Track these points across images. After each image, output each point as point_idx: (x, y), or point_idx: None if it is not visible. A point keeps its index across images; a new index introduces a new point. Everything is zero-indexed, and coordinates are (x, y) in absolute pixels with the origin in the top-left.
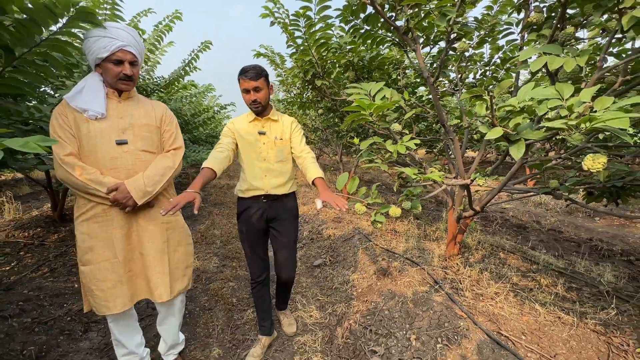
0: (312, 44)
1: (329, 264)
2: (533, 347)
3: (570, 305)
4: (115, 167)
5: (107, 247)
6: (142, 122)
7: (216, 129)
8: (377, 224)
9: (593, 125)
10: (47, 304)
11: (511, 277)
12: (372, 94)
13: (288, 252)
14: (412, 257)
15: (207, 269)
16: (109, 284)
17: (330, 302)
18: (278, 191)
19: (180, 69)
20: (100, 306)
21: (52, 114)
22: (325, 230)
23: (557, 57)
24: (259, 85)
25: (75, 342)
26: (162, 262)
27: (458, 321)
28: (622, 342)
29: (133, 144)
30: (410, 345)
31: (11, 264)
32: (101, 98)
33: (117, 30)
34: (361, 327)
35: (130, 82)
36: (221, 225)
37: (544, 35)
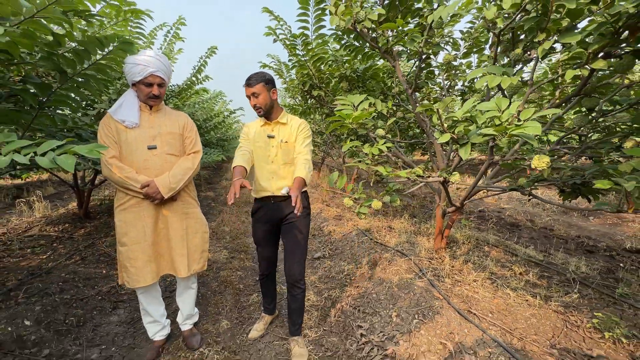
0: (309, 59)
1: (327, 257)
2: (496, 322)
3: (539, 290)
4: (147, 167)
5: (139, 232)
6: (168, 131)
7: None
8: (361, 215)
9: (511, 132)
10: (81, 285)
11: (491, 267)
12: (356, 105)
13: (297, 253)
14: (402, 249)
15: (217, 260)
16: (140, 262)
17: (326, 288)
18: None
19: (191, 76)
20: (132, 280)
21: (99, 124)
22: (326, 227)
23: (496, 76)
24: (256, 91)
25: (106, 316)
26: (182, 246)
27: (434, 301)
28: (577, 320)
29: (161, 149)
30: (391, 320)
31: (47, 253)
32: (136, 111)
33: (150, 58)
34: (351, 308)
35: (157, 100)
36: (230, 222)
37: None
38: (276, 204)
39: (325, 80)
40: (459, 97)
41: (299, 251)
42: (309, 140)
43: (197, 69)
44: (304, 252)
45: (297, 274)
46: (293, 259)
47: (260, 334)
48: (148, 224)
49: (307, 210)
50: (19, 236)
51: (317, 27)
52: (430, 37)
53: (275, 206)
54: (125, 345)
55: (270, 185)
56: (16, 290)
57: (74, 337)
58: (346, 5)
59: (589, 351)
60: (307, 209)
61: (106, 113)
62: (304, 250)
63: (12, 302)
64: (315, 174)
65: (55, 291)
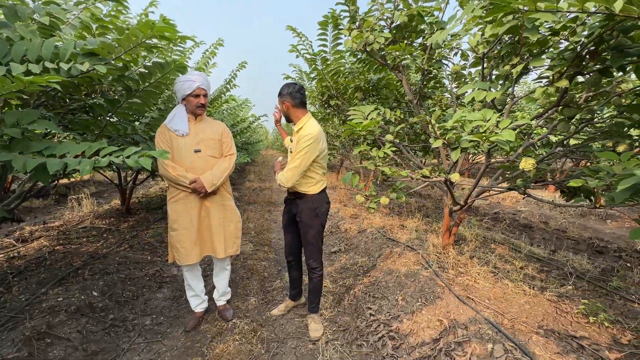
0: (327, 73)
1: (343, 251)
2: (491, 307)
3: (536, 282)
4: (193, 167)
5: (187, 220)
6: (210, 137)
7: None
8: (371, 210)
9: (490, 138)
10: (132, 268)
11: (494, 262)
12: (366, 114)
13: (310, 243)
14: (412, 244)
15: (244, 252)
16: (187, 244)
17: (341, 277)
18: (295, 189)
19: (222, 87)
20: (182, 258)
21: (157, 132)
22: (342, 225)
23: (482, 91)
24: (281, 101)
25: (154, 293)
26: (220, 232)
27: (437, 288)
28: (568, 307)
29: (204, 152)
30: (397, 303)
31: (100, 242)
32: (185, 122)
33: (196, 76)
34: (363, 294)
35: (203, 108)
36: (254, 219)
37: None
38: (291, 200)
39: (341, 91)
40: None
41: (312, 245)
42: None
43: (227, 81)
44: (314, 245)
45: (312, 262)
46: (308, 250)
47: (280, 313)
48: (194, 213)
49: (318, 210)
50: (74, 227)
51: (335, 45)
52: (432, 56)
53: (291, 202)
54: (172, 315)
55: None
56: (82, 269)
57: (131, 307)
58: (359, 31)
59: (573, 332)
60: (318, 208)
61: (154, 120)
62: (314, 245)
63: (80, 278)
64: (334, 175)
65: (113, 271)
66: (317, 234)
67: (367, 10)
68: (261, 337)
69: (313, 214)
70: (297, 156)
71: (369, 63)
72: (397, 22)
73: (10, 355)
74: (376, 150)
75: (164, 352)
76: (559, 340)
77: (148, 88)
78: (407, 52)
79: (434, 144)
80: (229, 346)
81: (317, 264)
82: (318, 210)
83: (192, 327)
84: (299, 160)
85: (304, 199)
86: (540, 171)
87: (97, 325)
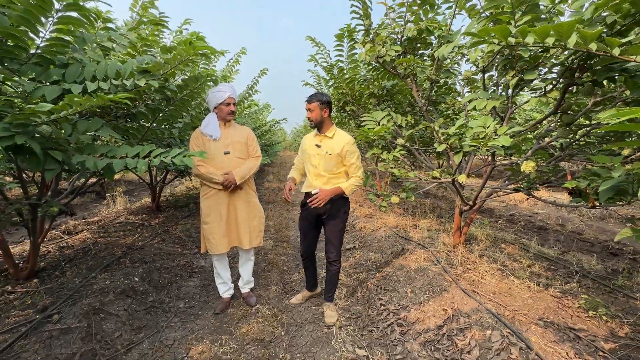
0: (343, 81)
1: (358, 248)
2: (495, 300)
3: (542, 280)
4: (223, 167)
5: (217, 214)
6: (237, 140)
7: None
8: (382, 208)
9: (488, 143)
10: (166, 259)
11: (502, 260)
12: (379, 120)
13: (334, 240)
14: (423, 243)
15: (265, 247)
16: (217, 236)
17: (355, 272)
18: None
19: (245, 92)
20: (213, 248)
21: (191, 137)
22: (358, 224)
23: (482, 100)
24: (312, 108)
25: (185, 281)
26: (245, 225)
27: (444, 282)
28: (570, 303)
29: (233, 154)
30: (406, 295)
31: (135, 235)
32: (218, 128)
33: (226, 87)
34: (375, 286)
35: (233, 115)
36: (274, 217)
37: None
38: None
39: (357, 97)
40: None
41: (336, 240)
42: (356, 159)
43: (250, 87)
44: (339, 240)
45: (333, 256)
46: (331, 246)
47: (298, 302)
48: (223, 208)
49: (344, 208)
50: (111, 222)
51: (350, 55)
52: (440, 66)
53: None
54: (202, 300)
55: (314, 184)
56: (123, 258)
57: (166, 292)
58: (371, 44)
59: (572, 325)
60: (344, 207)
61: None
62: (339, 239)
63: (122, 265)
64: None
65: (150, 260)
66: (341, 231)
67: (380, 24)
68: (281, 321)
69: (341, 212)
70: (354, 160)
71: (382, 72)
72: (408, 36)
73: (73, 325)
74: (386, 154)
75: (197, 330)
76: (557, 331)
77: (184, 97)
78: (416, 64)
79: (438, 148)
80: (253, 327)
81: (337, 257)
82: (345, 208)
83: (220, 310)
84: (357, 161)
85: (334, 200)
86: (542, 174)
87: (139, 305)
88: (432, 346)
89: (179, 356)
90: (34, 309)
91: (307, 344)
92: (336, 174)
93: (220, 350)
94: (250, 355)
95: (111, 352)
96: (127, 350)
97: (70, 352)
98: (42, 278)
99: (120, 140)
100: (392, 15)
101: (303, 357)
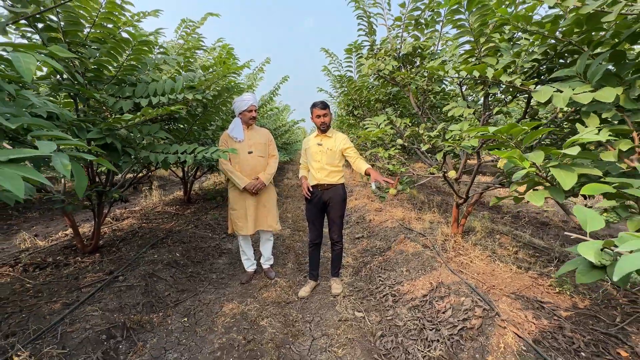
0: (352, 89)
1: (365, 237)
2: (477, 278)
3: (525, 264)
4: (247, 165)
5: (243, 202)
6: (258, 141)
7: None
8: (382, 199)
9: (460, 144)
10: (199, 241)
11: (493, 248)
12: (379, 123)
13: (337, 222)
14: (424, 232)
15: (283, 234)
16: (242, 220)
17: (361, 256)
18: (327, 181)
19: (267, 97)
20: (239, 230)
21: (220, 138)
22: (367, 217)
23: (460, 108)
24: (327, 113)
25: (216, 259)
26: (265, 211)
27: (435, 264)
28: (543, 282)
29: (255, 153)
30: (402, 274)
31: (172, 222)
32: (242, 131)
33: (249, 96)
34: (377, 267)
35: (254, 120)
36: (291, 210)
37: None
38: (323, 191)
39: (364, 102)
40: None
41: (338, 223)
42: (353, 147)
43: (271, 92)
44: (341, 223)
45: (337, 237)
46: (334, 228)
47: (307, 294)
48: (248, 198)
49: (343, 197)
50: (150, 211)
51: (358, 65)
52: (431, 78)
53: (322, 192)
54: (230, 274)
55: (319, 177)
56: (165, 239)
57: (201, 266)
58: (373, 60)
59: (540, 298)
60: (343, 196)
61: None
62: (341, 223)
63: (165, 244)
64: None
65: (187, 241)
66: (341, 216)
67: (382, 40)
68: (295, 291)
69: (342, 199)
70: (353, 149)
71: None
72: (403, 52)
73: (135, 284)
74: (384, 152)
75: (227, 294)
76: (525, 302)
77: (217, 105)
78: (409, 76)
79: (422, 148)
80: (272, 294)
81: (339, 238)
82: (344, 196)
83: (245, 280)
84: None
85: (335, 188)
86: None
87: (181, 274)
88: (417, 309)
89: (214, 311)
90: (103, 273)
91: (315, 307)
92: (336, 166)
93: (246, 308)
94: (269, 312)
95: (163, 305)
96: (175, 305)
97: (135, 302)
98: (103, 252)
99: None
100: (392, 33)
101: (312, 317)
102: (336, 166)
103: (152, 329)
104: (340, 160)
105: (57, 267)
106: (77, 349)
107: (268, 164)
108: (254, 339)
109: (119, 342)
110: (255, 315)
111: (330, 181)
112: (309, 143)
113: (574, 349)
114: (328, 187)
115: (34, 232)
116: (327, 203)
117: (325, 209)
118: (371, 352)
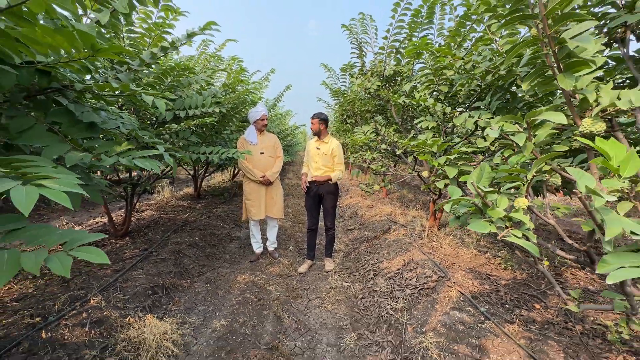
0: (345, 102)
1: (357, 229)
2: (442, 257)
3: (484, 249)
4: (259, 163)
5: (256, 194)
6: (268, 145)
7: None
8: (368, 192)
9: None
10: (212, 229)
11: (463, 238)
12: (365, 132)
13: (330, 212)
14: (406, 224)
15: (284, 226)
16: (256, 208)
17: (352, 243)
18: (322, 179)
19: (271, 103)
20: (253, 216)
21: (238, 141)
22: (360, 212)
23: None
24: (313, 122)
25: (228, 244)
26: (274, 202)
27: (411, 247)
28: (495, 261)
29: (266, 154)
30: (383, 255)
31: (186, 214)
32: (255, 136)
33: (261, 107)
34: (364, 251)
35: (265, 127)
36: (292, 205)
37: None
38: (318, 186)
39: (357, 112)
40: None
41: (332, 211)
42: (340, 157)
43: (276, 98)
44: (334, 213)
45: (330, 224)
46: (328, 217)
47: (305, 270)
48: (260, 191)
49: (335, 191)
50: (165, 205)
51: (351, 82)
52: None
53: (317, 187)
54: (241, 255)
55: (314, 174)
56: (184, 227)
57: (216, 248)
58: (362, 80)
59: (488, 272)
60: (336, 190)
61: (230, 131)
62: (333, 212)
63: (185, 230)
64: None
65: (202, 228)
66: (334, 207)
67: (371, 62)
68: (295, 268)
69: (334, 192)
70: (340, 158)
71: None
72: (387, 74)
73: (166, 257)
74: (369, 154)
75: (240, 269)
76: (476, 274)
77: (233, 114)
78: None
79: (397, 152)
80: (276, 269)
81: (332, 225)
82: (335, 191)
83: (254, 259)
84: (341, 159)
85: (331, 184)
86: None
87: (201, 253)
88: (391, 279)
89: (230, 280)
90: (139, 250)
91: (311, 280)
92: (329, 167)
93: (256, 278)
94: (275, 281)
95: (189, 275)
96: (199, 275)
97: (168, 270)
98: (132, 236)
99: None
100: (378, 58)
101: (308, 286)
102: (329, 167)
103: (183, 290)
104: (332, 163)
105: (97, 247)
106: (133, 297)
107: (274, 163)
108: (264, 298)
109: (160, 296)
110: (263, 283)
111: (325, 178)
112: (310, 146)
113: (500, 303)
114: (322, 183)
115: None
116: (321, 196)
117: (320, 200)
118: (353, 308)
